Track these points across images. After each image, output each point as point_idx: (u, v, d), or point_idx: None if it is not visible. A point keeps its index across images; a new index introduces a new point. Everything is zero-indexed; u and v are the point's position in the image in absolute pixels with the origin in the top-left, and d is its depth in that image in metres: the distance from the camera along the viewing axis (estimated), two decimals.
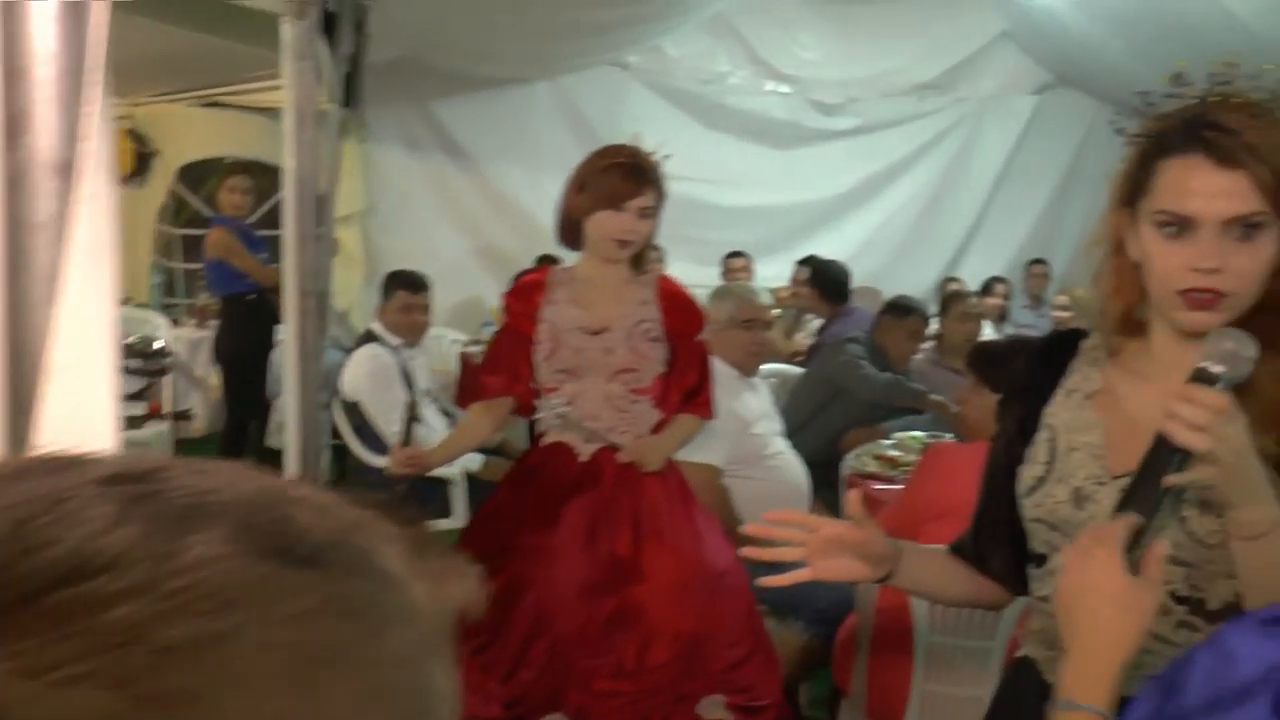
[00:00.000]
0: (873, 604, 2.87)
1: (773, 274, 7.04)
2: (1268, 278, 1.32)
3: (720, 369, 3.68)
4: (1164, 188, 1.34)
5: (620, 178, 2.74)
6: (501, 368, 2.90)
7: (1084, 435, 1.49)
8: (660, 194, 2.85)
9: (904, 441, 4.34)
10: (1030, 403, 1.57)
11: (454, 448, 3.16)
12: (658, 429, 2.87)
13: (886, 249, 8.21)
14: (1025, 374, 1.63)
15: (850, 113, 8.30)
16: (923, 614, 2.78)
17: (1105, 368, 1.52)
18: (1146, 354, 1.47)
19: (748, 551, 1.65)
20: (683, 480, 2.92)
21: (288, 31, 2.77)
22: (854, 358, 4.66)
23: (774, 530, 1.57)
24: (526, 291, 2.92)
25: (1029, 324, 7.17)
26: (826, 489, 4.11)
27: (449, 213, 7.54)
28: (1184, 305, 1.33)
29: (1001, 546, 1.61)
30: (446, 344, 6.31)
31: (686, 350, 2.91)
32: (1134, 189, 1.39)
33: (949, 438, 4.24)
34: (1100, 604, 0.97)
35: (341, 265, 6.85)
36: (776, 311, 6.19)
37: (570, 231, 2.87)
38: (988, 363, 3.13)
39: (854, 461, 4.09)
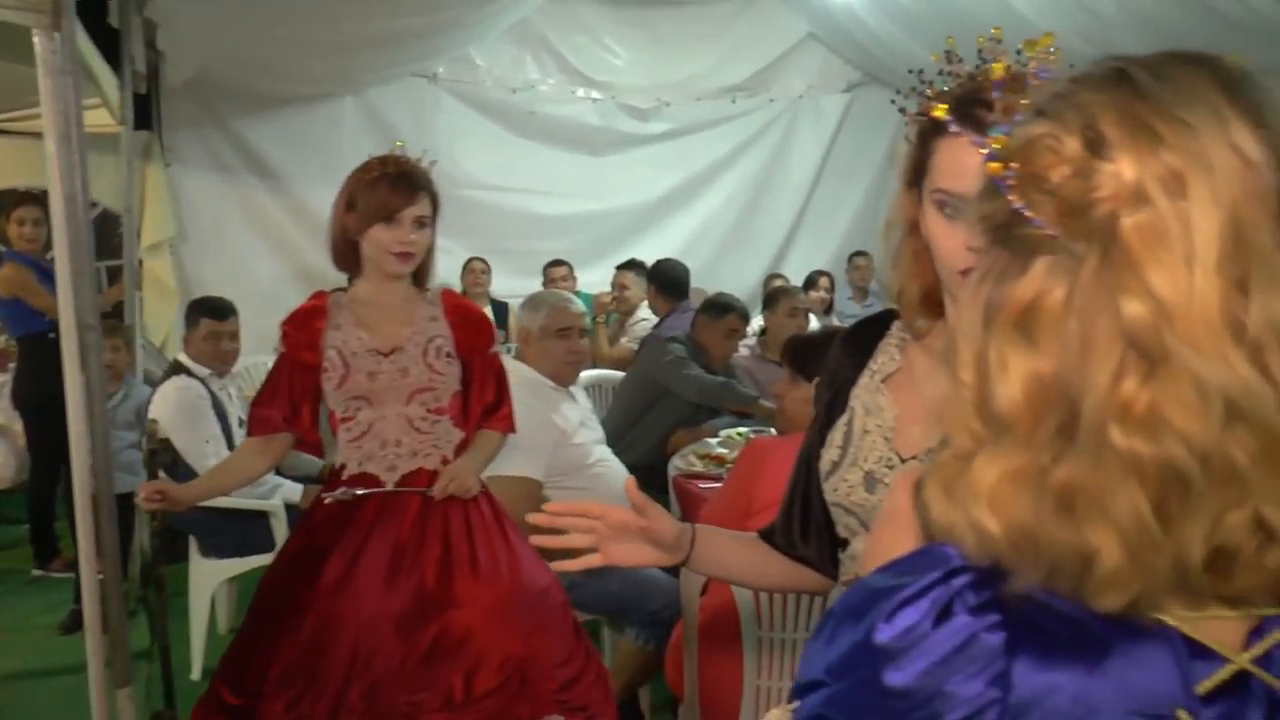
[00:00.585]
0: (697, 604, 2.85)
1: (595, 280, 7.05)
2: None
3: (537, 380, 3.63)
4: (940, 167, 1.32)
5: (389, 189, 2.64)
6: (279, 401, 2.75)
7: (876, 418, 1.48)
8: (435, 201, 2.76)
9: (730, 439, 4.37)
10: (839, 386, 1.56)
11: (216, 485, 2.92)
12: (460, 448, 2.78)
13: (708, 249, 8.29)
14: (834, 358, 1.60)
15: (663, 117, 8.36)
16: (748, 610, 2.77)
17: (908, 348, 1.51)
18: (948, 332, 1.46)
19: (538, 540, 1.60)
20: (493, 499, 2.84)
21: (40, 45, 2.57)
22: (678, 358, 4.66)
23: (560, 520, 1.55)
24: (305, 319, 2.76)
25: (855, 315, 7.32)
26: (654, 492, 4.09)
27: (262, 236, 7.29)
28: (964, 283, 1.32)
29: (811, 532, 1.59)
30: (263, 372, 6.07)
31: (481, 365, 2.84)
32: (916, 170, 1.38)
33: (772, 432, 4.29)
34: None
35: (154, 296, 6.57)
36: (599, 318, 6.20)
37: (346, 254, 2.74)
38: (802, 354, 3.16)
39: (680, 462, 4.09)
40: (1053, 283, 0.69)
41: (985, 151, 0.74)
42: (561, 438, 3.54)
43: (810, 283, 7.46)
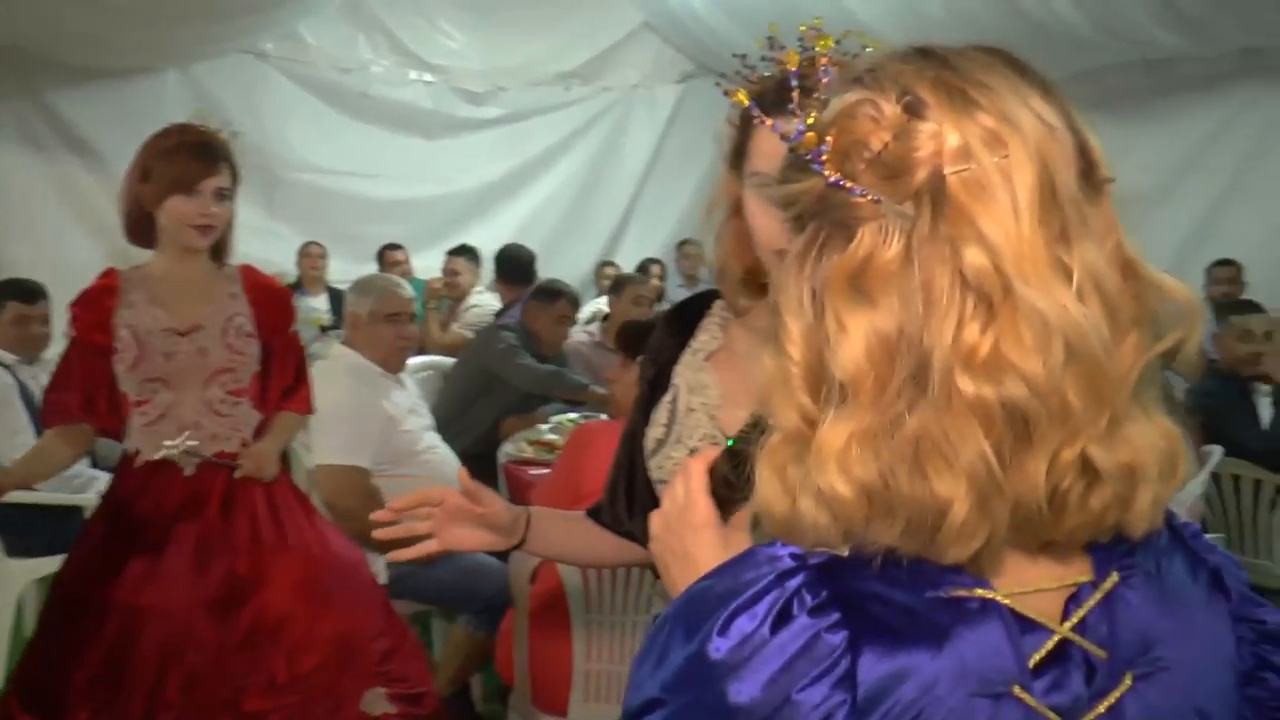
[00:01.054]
0: (527, 589, 2.87)
1: (432, 265, 6.96)
2: None
3: (365, 365, 3.58)
4: (756, 150, 1.36)
5: (189, 158, 2.53)
6: (72, 387, 2.61)
7: (700, 395, 1.51)
8: (235, 174, 2.63)
9: (561, 425, 4.39)
10: (662, 364, 1.58)
11: (21, 478, 2.77)
12: (259, 431, 2.68)
13: (541, 236, 8.26)
14: (657, 336, 1.63)
15: (497, 102, 8.32)
16: (577, 594, 2.80)
17: (730, 327, 1.55)
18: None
19: (379, 534, 1.59)
20: (291, 481, 2.77)
21: None
22: (510, 346, 4.65)
23: (401, 515, 1.56)
24: (94, 298, 2.62)
25: None
26: (485, 479, 4.07)
27: (77, 217, 6.95)
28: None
29: (636, 508, 1.61)
30: None
31: (281, 345, 2.75)
32: (736, 152, 1.41)
33: (603, 418, 4.33)
34: (699, 574, 0.99)
35: None
36: (431, 304, 6.14)
37: (140, 226, 2.61)
38: (634, 339, 3.20)
39: (511, 448, 4.09)
40: (881, 241, 0.71)
41: (786, 135, 0.77)
42: (390, 425, 3.50)
43: (642, 270, 7.54)
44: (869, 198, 0.71)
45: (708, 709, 0.71)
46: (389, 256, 6.95)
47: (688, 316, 1.60)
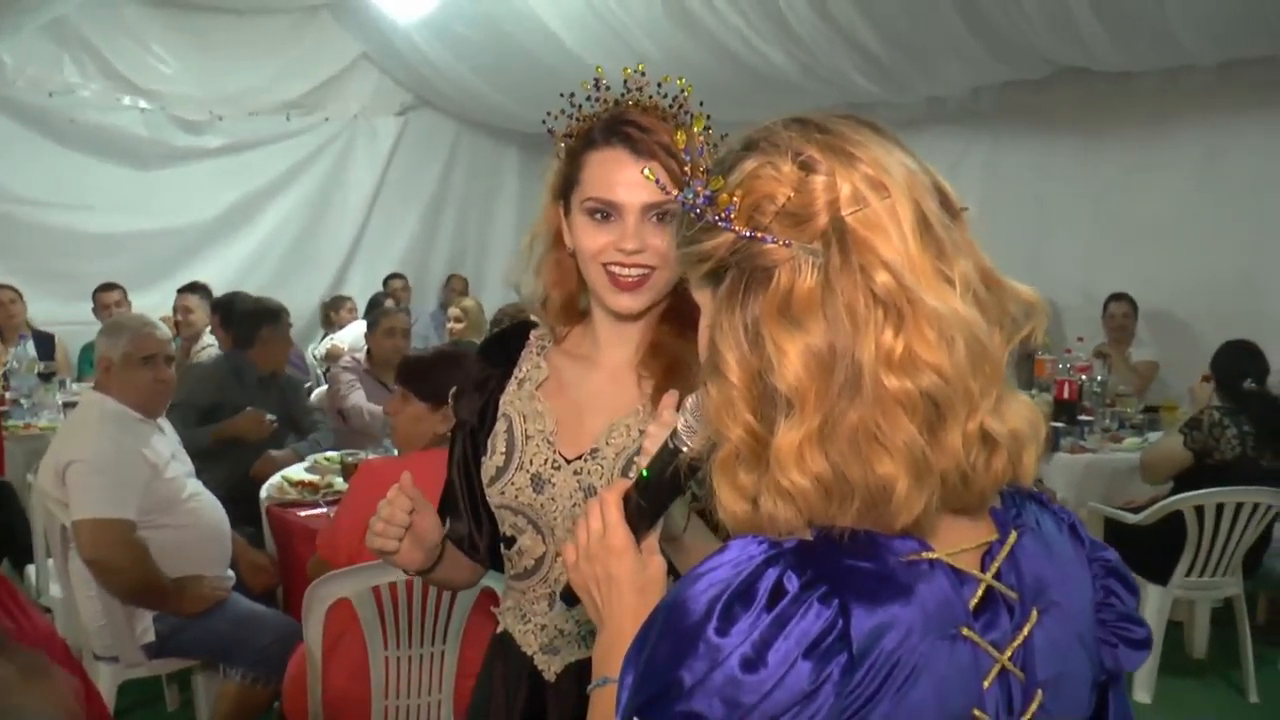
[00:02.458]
0: (319, 631, 2.81)
1: (152, 304, 6.55)
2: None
3: (121, 411, 3.39)
4: (591, 179, 1.48)
5: None
6: None
7: (536, 423, 1.59)
8: None
9: (319, 463, 4.29)
10: (487, 395, 1.66)
11: None
12: None
13: (268, 270, 8.06)
14: (477, 368, 1.70)
15: (217, 131, 8.01)
16: (374, 629, 2.78)
17: (550, 355, 1.64)
18: (590, 338, 1.61)
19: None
20: None
21: None
22: (184, 405, 4.33)
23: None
24: None
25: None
26: (246, 524, 3.95)
27: None
28: (612, 287, 1.48)
29: (483, 534, 1.69)
30: None
31: None
32: (565, 183, 1.53)
33: (366, 454, 4.28)
34: (624, 593, 1.09)
35: None
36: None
37: None
38: (414, 375, 3.20)
39: (272, 491, 3.97)
40: (798, 276, 0.87)
41: (696, 200, 0.92)
42: (153, 473, 3.32)
43: (384, 287, 7.50)
44: (780, 243, 0.88)
45: (720, 688, 0.82)
46: (101, 299, 6.44)
47: (505, 348, 1.69)
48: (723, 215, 0.90)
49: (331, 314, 7.72)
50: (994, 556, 0.94)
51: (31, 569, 4.18)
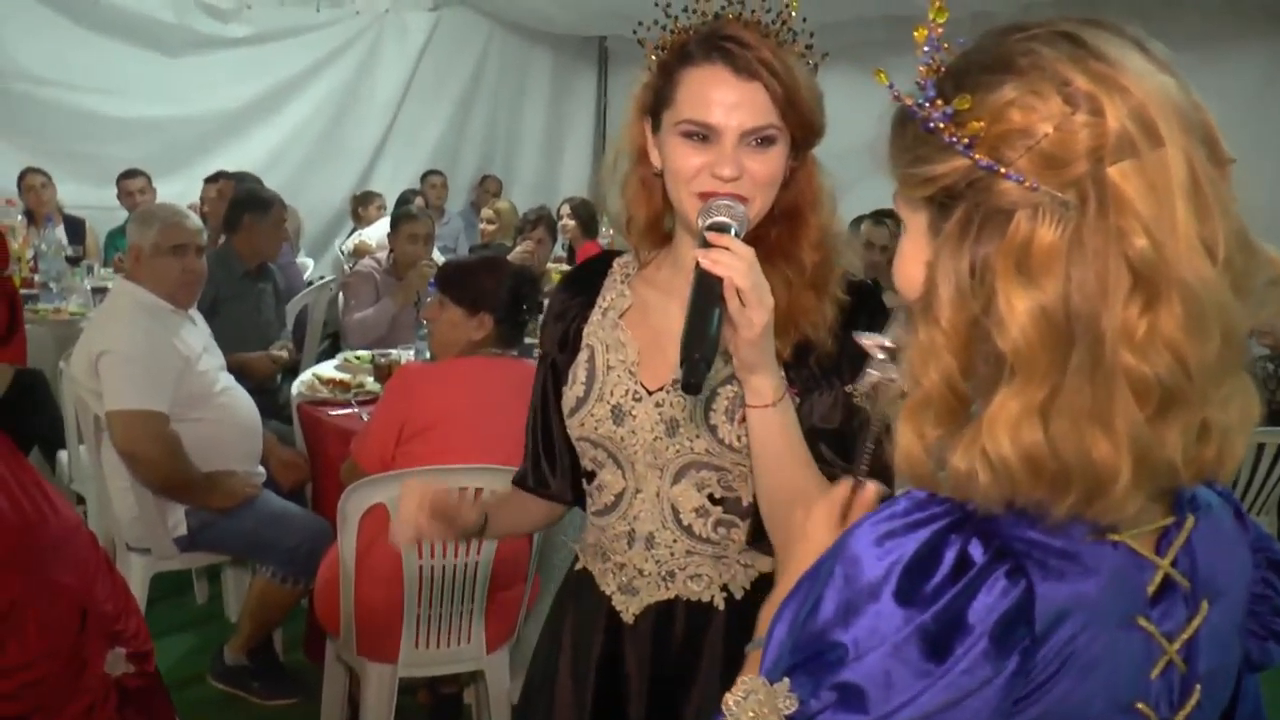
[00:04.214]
0: (354, 540, 2.76)
1: (176, 193, 6.44)
2: (777, 189, 1.40)
3: (153, 302, 3.32)
4: (686, 98, 1.36)
5: None
6: None
7: (618, 353, 1.53)
8: None
9: (349, 361, 4.24)
10: (569, 325, 1.60)
11: None
12: None
13: (294, 163, 7.89)
14: (558, 299, 1.64)
15: (244, 20, 7.78)
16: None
17: (634, 283, 1.57)
18: (673, 266, 1.51)
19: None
20: (4, 439, 2.44)
21: None
22: None
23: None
24: None
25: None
26: (272, 417, 3.91)
27: None
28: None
29: (557, 468, 1.64)
30: None
31: None
32: (656, 99, 1.41)
33: (395, 353, 4.21)
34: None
35: None
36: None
37: None
38: (452, 281, 3.11)
39: (302, 389, 3.91)
40: (1039, 224, 0.74)
41: (934, 113, 0.78)
42: (185, 365, 3.25)
43: (403, 202, 7.32)
44: (1027, 184, 0.74)
45: (891, 661, 0.74)
46: (125, 185, 6.33)
47: (588, 278, 1.62)
48: (965, 141, 0.76)
49: (360, 210, 7.60)
50: (1170, 541, 0.85)
51: (63, 455, 4.16)
